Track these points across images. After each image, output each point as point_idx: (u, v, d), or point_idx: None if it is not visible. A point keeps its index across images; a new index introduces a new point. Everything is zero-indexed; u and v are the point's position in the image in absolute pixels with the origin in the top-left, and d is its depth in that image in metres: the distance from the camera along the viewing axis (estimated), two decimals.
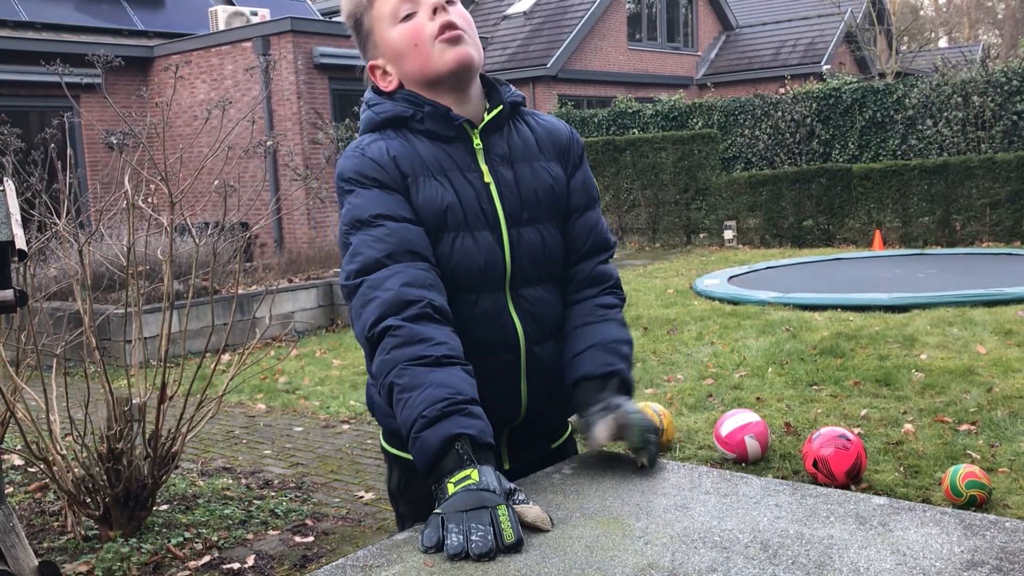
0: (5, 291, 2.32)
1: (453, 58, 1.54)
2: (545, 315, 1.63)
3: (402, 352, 1.41)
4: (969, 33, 41.07)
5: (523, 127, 1.67)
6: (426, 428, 1.35)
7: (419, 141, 1.57)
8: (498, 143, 1.61)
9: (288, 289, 8.66)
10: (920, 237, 12.04)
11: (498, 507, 1.24)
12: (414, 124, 1.58)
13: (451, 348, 1.43)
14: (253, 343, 4.19)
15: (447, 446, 1.33)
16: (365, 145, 1.58)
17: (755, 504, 1.31)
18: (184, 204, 3.95)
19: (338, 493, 4.24)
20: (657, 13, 22.19)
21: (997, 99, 12.70)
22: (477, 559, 1.17)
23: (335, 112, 12.68)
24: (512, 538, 1.20)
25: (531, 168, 1.63)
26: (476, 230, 1.55)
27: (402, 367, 1.40)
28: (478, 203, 1.56)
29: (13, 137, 4.37)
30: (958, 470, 3.60)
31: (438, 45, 1.54)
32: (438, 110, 1.57)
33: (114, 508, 3.56)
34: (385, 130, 1.60)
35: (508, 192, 1.59)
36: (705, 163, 13.89)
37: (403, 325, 1.42)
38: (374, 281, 1.46)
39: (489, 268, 1.56)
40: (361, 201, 1.53)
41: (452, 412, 1.35)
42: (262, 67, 11.36)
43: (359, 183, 1.54)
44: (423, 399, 1.36)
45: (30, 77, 11.80)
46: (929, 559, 1.10)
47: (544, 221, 1.63)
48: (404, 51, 1.57)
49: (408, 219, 1.52)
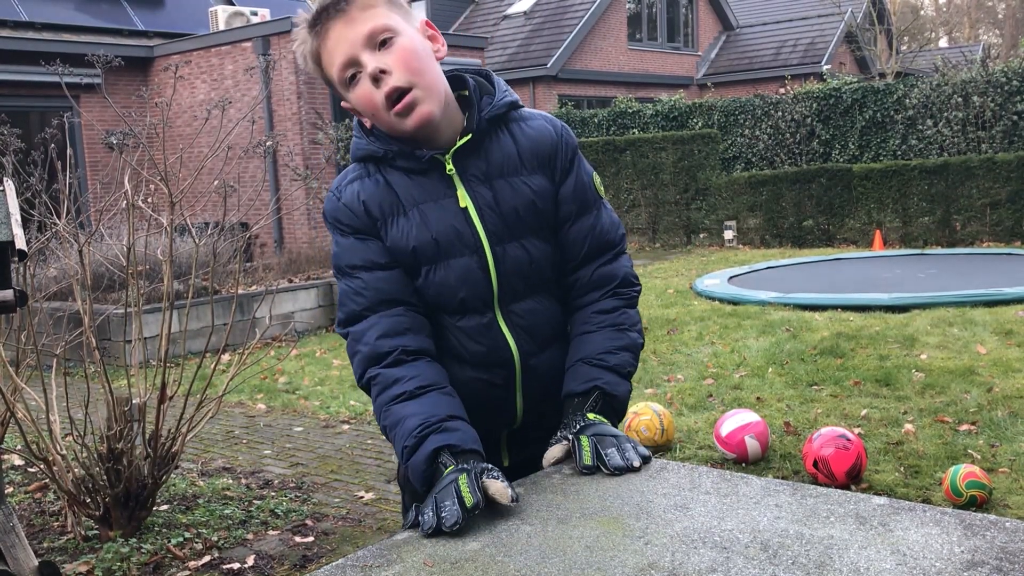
0: (5, 291, 2.32)
1: (412, 125, 1.52)
2: (539, 326, 1.65)
3: (383, 396, 1.54)
4: (969, 33, 41.07)
5: (506, 138, 1.62)
6: (412, 455, 1.46)
7: (395, 174, 1.61)
8: (474, 163, 1.59)
9: (288, 289, 8.66)
10: (920, 237, 12.04)
11: (459, 476, 1.35)
12: (387, 160, 1.61)
13: (423, 379, 1.53)
14: (253, 343, 4.19)
15: (432, 462, 1.44)
16: (344, 187, 1.64)
17: (755, 504, 1.30)
18: (184, 204, 3.95)
19: (338, 493, 4.24)
20: (657, 13, 22.19)
21: (997, 99, 12.70)
22: (449, 530, 1.27)
23: (335, 112, 12.68)
24: (470, 501, 1.30)
25: (510, 184, 1.60)
26: (452, 257, 1.58)
27: (385, 409, 1.54)
28: (454, 229, 1.57)
29: (13, 137, 4.37)
30: (958, 470, 3.60)
31: (393, 116, 1.52)
32: (404, 151, 1.58)
33: (114, 508, 3.56)
34: (366, 163, 1.64)
35: (488, 211, 1.58)
36: (705, 163, 13.89)
37: (380, 373, 1.55)
38: (356, 334, 1.59)
39: (470, 292, 1.60)
40: (340, 249, 1.63)
41: (428, 434, 1.46)
42: (262, 67, 11.36)
43: (337, 228, 1.63)
44: (403, 432, 1.49)
45: (30, 77, 11.80)
46: (929, 559, 1.10)
47: (528, 236, 1.62)
48: (366, 113, 1.57)
49: (382, 265, 1.59)
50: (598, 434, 1.50)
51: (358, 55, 1.50)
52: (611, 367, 1.61)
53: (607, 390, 1.59)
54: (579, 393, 1.59)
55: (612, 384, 1.60)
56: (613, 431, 1.52)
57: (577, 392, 1.59)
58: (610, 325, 1.65)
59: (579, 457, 1.48)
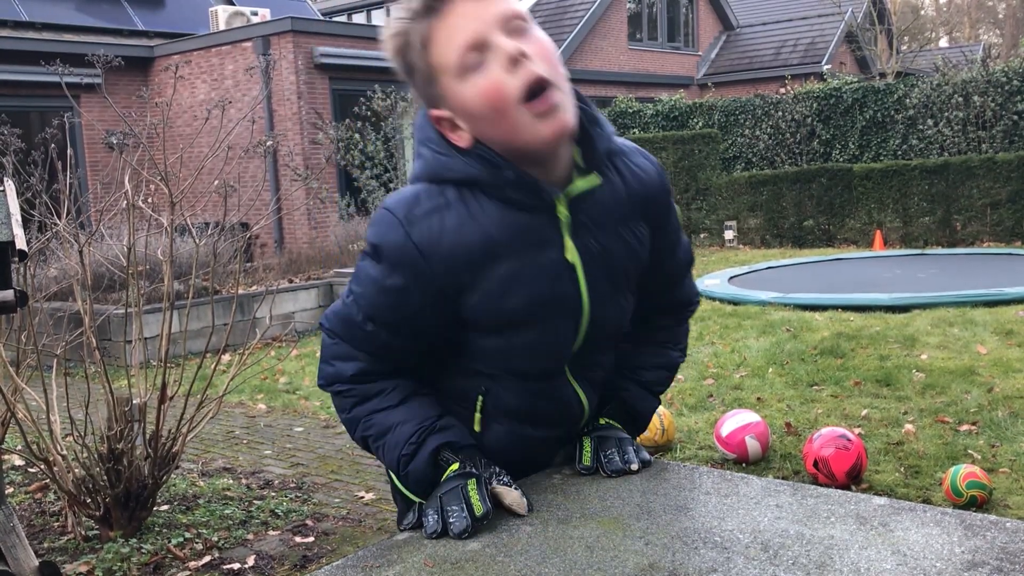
0: (5, 291, 2.32)
1: (550, 133, 1.23)
2: (601, 379, 1.52)
3: (362, 408, 1.42)
4: (970, 33, 41.06)
5: (613, 176, 1.37)
6: (411, 461, 1.38)
7: (489, 205, 1.28)
8: (584, 208, 1.33)
9: (288, 289, 8.66)
10: (921, 237, 12.04)
11: (468, 481, 1.30)
12: (488, 188, 1.29)
13: (405, 388, 1.42)
14: (253, 343, 4.19)
15: (432, 463, 1.37)
16: (418, 216, 1.27)
17: (756, 504, 1.30)
18: (184, 204, 3.95)
19: (338, 493, 4.24)
20: (657, 13, 22.19)
21: (998, 99, 12.69)
22: (456, 537, 1.24)
23: (335, 112, 12.68)
24: (480, 511, 1.26)
25: (620, 235, 1.38)
26: (547, 322, 1.34)
27: (366, 421, 1.42)
28: (554, 290, 1.32)
29: (13, 137, 4.37)
30: (959, 470, 3.60)
31: (528, 115, 1.22)
32: (524, 180, 1.27)
33: (114, 508, 3.56)
34: (446, 185, 1.30)
35: (595, 270, 1.35)
36: (706, 163, 13.89)
37: (352, 388, 1.42)
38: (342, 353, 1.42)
39: (553, 358, 1.40)
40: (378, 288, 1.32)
41: (425, 436, 1.38)
42: (262, 67, 11.36)
43: (391, 266, 1.30)
44: (397, 440, 1.39)
45: (30, 77, 11.80)
46: (930, 559, 1.10)
47: (626, 290, 1.43)
48: (482, 115, 1.25)
49: (414, 341, 1.37)
50: (602, 436, 1.49)
51: (490, 36, 1.22)
52: (640, 381, 1.57)
53: (628, 401, 1.56)
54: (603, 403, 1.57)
55: (636, 397, 1.56)
56: (618, 433, 1.50)
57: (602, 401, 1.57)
58: (656, 342, 1.59)
59: (579, 457, 1.48)
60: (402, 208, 1.29)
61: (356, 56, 12.73)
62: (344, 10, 23.15)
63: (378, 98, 12.04)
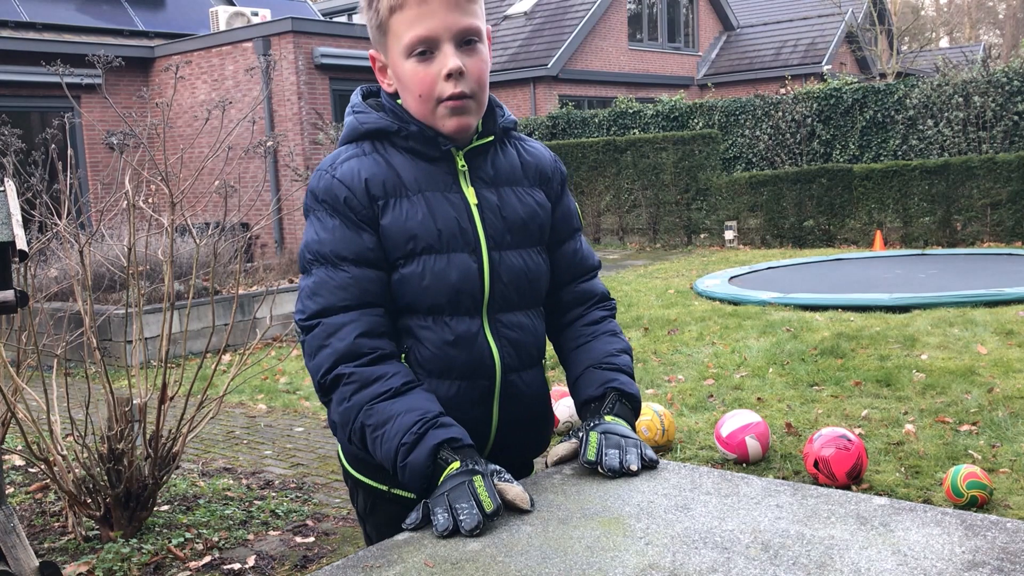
0: (6, 291, 2.32)
1: (453, 126, 1.52)
2: (525, 342, 1.60)
3: (362, 395, 1.45)
4: (970, 33, 41.06)
5: (510, 151, 1.65)
6: (410, 453, 1.39)
7: (399, 156, 1.54)
8: (483, 165, 1.58)
9: (289, 289, 8.66)
10: (921, 237, 12.04)
11: (474, 478, 1.31)
12: (396, 139, 1.55)
13: (405, 375, 1.47)
14: (254, 343, 4.19)
15: (432, 459, 1.38)
16: (339, 163, 1.54)
17: (756, 504, 1.30)
18: (185, 204, 3.95)
19: (339, 494, 4.24)
20: (658, 13, 22.19)
21: (998, 99, 12.70)
22: (468, 534, 1.24)
23: (336, 112, 12.68)
24: (491, 507, 1.27)
25: (515, 193, 1.60)
26: (452, 251, 1.52)
27: (367, 408, 1.44)
28: (457, 224, 1.52)
29: (14, 138, 4.37)
30: (959, 470, 3.60)
31: (443, 108, 1.49)
32: (426, 132, 1.53)
33: (115, 508, 3.56)
34: (364, 141, 1.57)
35: (491, 215, 1.56)
36: (706, 163, 13.89)
37: (355, 371, 1.46)
38: (331, 327, 1.48)
39: (463, 291, 1.53)
40: (327, 235, 1.51)
41: (427, 429, 1.40)
42: (263, 67, 11.37)
43: (327, 207, 1.52)
44: (397, 429, 1.41)
45: (31, 78, 11.81)
46: (930, 559, 1.10)
47: (528, 247, 1.60)
48: (409, 90, 1.52)
49: (372, 262, 1.51)
50: (608, 432, 1.50)
51: (443, 42, 1.47)
52: (619, 368, 1.63)
53: (623, 389, 1.60)
54: (596, 397, 1.59)
55: (626, 384, 1.62)
56: (624, 431, 1.51)
57: (594, 396, 1.60)
58: (605, 332, 1.69)
59: (583, 451, 1.48)
60: (327, 162, 1.57)
61: (356, 56, 12.74)
62: (344, 10, 23.17)
63: None
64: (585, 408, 1.61)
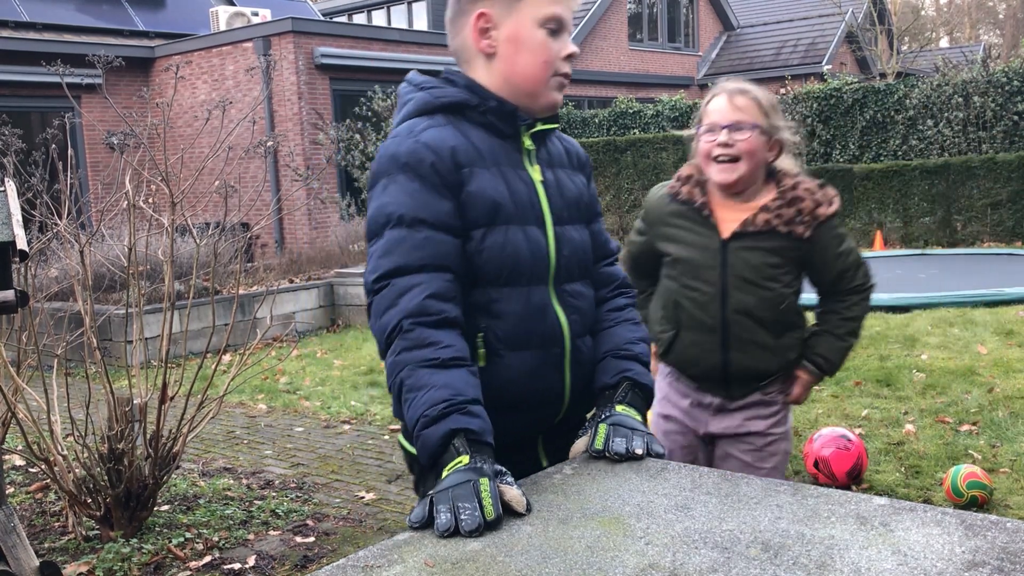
0: (6, 291, 2.32)
1: (555, 100, 1.65)
2: (586, 309, 1.71)
3: (411, 355, 1.46)
4: (970, 33, 41.05)
5: (555, 139, 1.77)
6: (428, 427, 1.41)
7: (474, 130, 1.61)
8: (541, 147, 1.70)
9: (289, 289, 8.66)
10: (921, 237, 12.04)
11: (480, 480, 1.32)
12: (473, 114, 1.61)
13: (457, 351, 1.48)
14: (254, 343, 4.19)
15: (446, 442, 1.40)
16: (419, 130, 1.57)
17: (756, 504, 1.30)
18: (185, 204, 3.95)
19: (339, 493, 4.24)
20: (658, 13, 22.19)
21: (998, 99, 12.69)
22: (468, 535, 1.25)
23: (336, 113, 12.68)
24: (492, 514, 1.28)
25: (566, 174, 1.73)
26: (525, 224, 1.61)
27: (410, 368, 1.46)
28: (528, 199, 1.62)
29: (14, 138, 4.37)
30: (959, 470, 3.60)
31: (553, 81, 1.62)
32: (504, 107, 1.61)
33: (115, 508, 3.56)
34: (436, 115, 1.60)
35: (553, 192, 1.67)
36: None
37: (414, 328, 1.47)
38: (402, 287, 1.50)
39: (536, 262, 1.61)
40: (406, 198, 1.53)
41: (451, 411, 1.41)
42: (263, 67, 11.37)
43: (409, 171, 1.54)
44: (426, 400, 1.43)
45: (31, 78, 11.81)
46: (930, 559, 1.10)
47: (579, 223, 1.73)
48: (532, 53, 1.60)
49: (449, 228, 1.54)
50: (616, 423, 1.56)
51: (567, 27, 1.63)
52: (635, 356, 1.71)
53: (637, 380, 1.68)
54: (611, 385, 1.67)
55: (640, 374, 1.70)
56: (633, 423, 1.58)
57: (609, 384, 1.67)
58: (626, 320, 1.78)
59: (591, 441, 1.54)
60: (404, 130, 1.59)
61: (357, 56, 12.73)
62: (344, 10, 23.16)
63: (378, 98, 12.05)
64: (599, 395, 1.68)
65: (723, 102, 2.29)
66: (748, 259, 2.32)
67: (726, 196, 2.34)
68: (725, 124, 2.26)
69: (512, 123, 1.62)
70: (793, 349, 2.43)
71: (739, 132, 2.25)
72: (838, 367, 2.49)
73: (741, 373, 2.36)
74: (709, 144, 2.29)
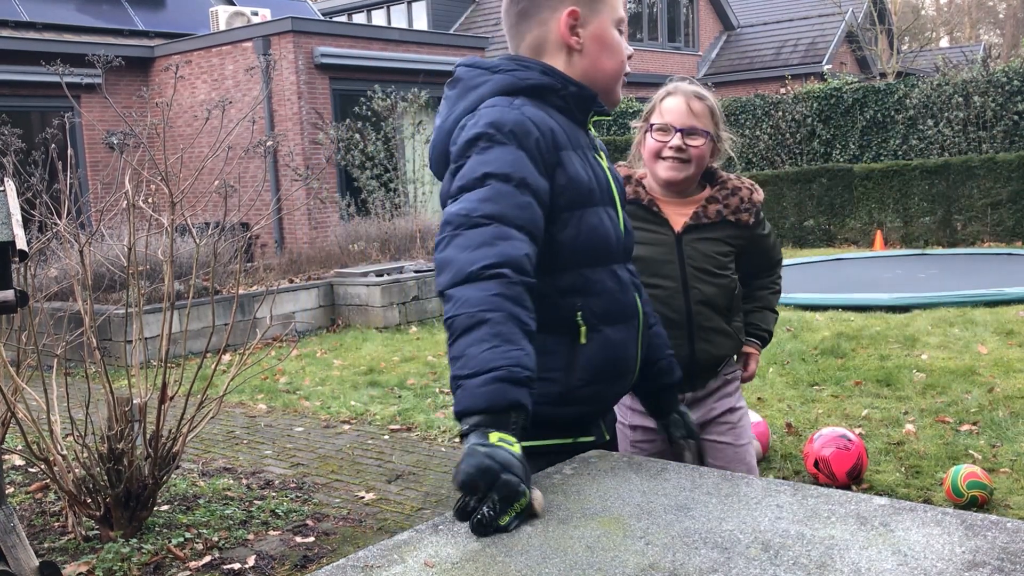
0: (6, 291, 2.32)
1: (619, 98, 1.77)
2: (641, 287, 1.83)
3: (508, 305, 1.38)
4: (970, 33, 41.05)
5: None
6: (504, 381, 1.32)
7: (556, 116, 1.64)
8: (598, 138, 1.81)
9: (289, 289, 8.66)
10: (921, 237, 12.04)
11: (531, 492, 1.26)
12: (552, 98, 1.64)
13: (535, 328, 1.43)
14: (254, 343, 4.19)
15: (508, 408, 1.32)
16: (518, 104, 1.57)
17: (756, 504, 1.30)
18: (185, 204, 3.95)
19: (339, 493, 4.24)
20: (658, 13, 22.19)
21: (998, 99, 12.69)
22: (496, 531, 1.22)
23: (336, 112, 12.67)
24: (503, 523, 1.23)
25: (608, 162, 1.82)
26: (607, 206, 1.68)
27: (503, 315, 1.37)
28: (605, 182, 1.70)
29: (14, 137, 4.37)
30: (959, 470, 3.60)
31: (622, 78, 1.74)
32: (585, 92, 1.67)
33: (115, 508, 3.56)
34: (519, 96, 1.60)
35: (614, 177, 1.76)
36: None
37: (516, 284, 1.40)
38: (505, 232, 1.43)
39: (618, 241, 1.70)
40: (514, 158, 1.50)
41: (528, 384, 1.35)
42: (263, 67, 11.36)
43: (513, 139, 1.52)
44: (514, 357, 1.34)
45: (31, 77, 11.80)
46: (930, 559, 1.10)
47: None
48: (612, 56, 1.70)
49: (543, 204, 1.53)
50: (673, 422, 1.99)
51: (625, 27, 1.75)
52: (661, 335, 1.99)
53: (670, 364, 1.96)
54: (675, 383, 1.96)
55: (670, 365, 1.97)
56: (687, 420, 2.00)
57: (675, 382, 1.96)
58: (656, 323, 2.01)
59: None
60: (504, 101, 1.58)
61: (356, 56, 12.73)
62: (344, 10, 23.16)
63: (378, 98, 12.04)
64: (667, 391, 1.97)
65: (680, 104, 2.34)
66: (703, 250, 2.39)
67: (668, 193, 2.40)
68: (680, 127, 2.32)
69: (586, 110, 1.69)
70: (741, 332, 2.53)
71: (693, 138, 2.32)
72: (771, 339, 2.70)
73: (706, 362, 2.43)
74: (659, 144, 2.34)
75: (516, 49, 1.72)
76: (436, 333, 8.18)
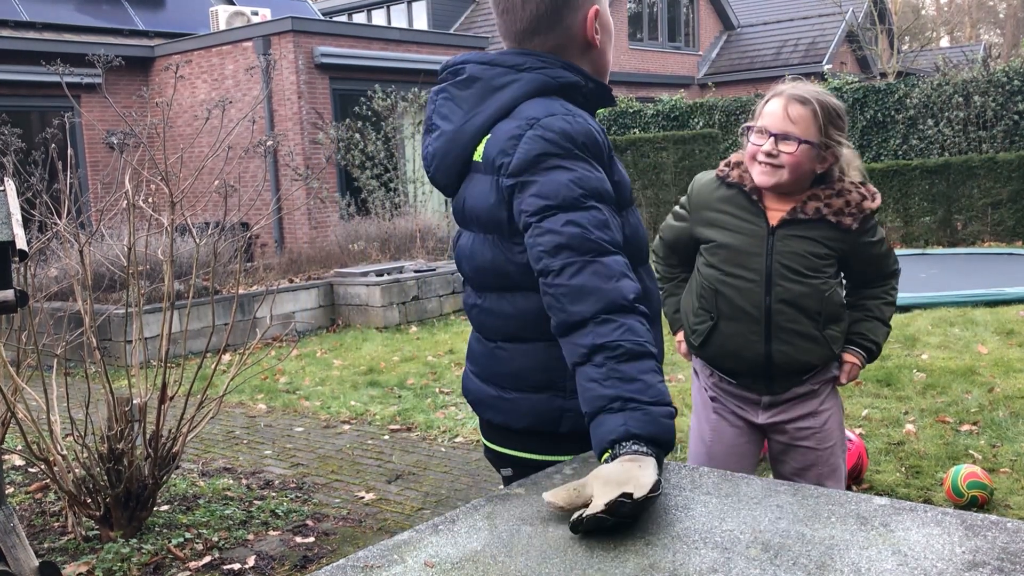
0: (6, 291, 2.32)
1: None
2: None
3: (646, 339, 1.42)
4: (970, 33, 41.04)
5: None
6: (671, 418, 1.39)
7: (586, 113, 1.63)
8: None
9: (289, 289, 8.66)
10: (921, 237, 12.04)
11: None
12: (576, 95, 1.62)
13: None
14: (254, 343, 4.19)
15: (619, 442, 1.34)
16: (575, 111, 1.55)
17: (756, 504, 1.30)
18: (185, 204, 3.95)
19: (339, 493, 4.24)
20: (658, 13, 22.19)
21: (998, 99, 12.69)
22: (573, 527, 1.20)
23: (336, 112, 12.67)
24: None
25: None
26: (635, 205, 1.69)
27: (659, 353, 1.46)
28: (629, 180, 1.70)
29: (14, 137, 4.37)
30: (959, 470, 3.60)
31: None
32: (603, 87, 1.67)
33: (115, 508, 3.56)
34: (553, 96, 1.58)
35: None
36: (706, 163, 13.88)
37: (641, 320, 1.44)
38: (626, 264, 1.46)
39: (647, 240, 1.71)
40: (599, 176, 1.50)
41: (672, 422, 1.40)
42: (263, 67, 11.36)
43: (588, 153, 1.51)
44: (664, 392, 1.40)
45: (31, 77, 11.80)
46: (930, 559, 1.10)
47: None
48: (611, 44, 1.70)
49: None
50: None
51: None
52: None
53: None
54: None
55: None
56: None
57: None
58: None
59: None
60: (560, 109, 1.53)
61: (356, 56, 12.73)
62: (344, 10, 23.16)
63: (378, 98, 12.04)
64: None
65: (778, 108, 2.26)
66: (795, 247, 2.28)
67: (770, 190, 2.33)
68: (774, 132, 2.23)
69: (599, 105, 1.68)
70: (837, 342, 2.37)
71: (786, 143, 2.22)
72: (880, 352, 2.49)
73: (785, 365, 2.31)
74: (754, 147, 2.27)
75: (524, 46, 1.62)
76: (436, 333, 8.18)
